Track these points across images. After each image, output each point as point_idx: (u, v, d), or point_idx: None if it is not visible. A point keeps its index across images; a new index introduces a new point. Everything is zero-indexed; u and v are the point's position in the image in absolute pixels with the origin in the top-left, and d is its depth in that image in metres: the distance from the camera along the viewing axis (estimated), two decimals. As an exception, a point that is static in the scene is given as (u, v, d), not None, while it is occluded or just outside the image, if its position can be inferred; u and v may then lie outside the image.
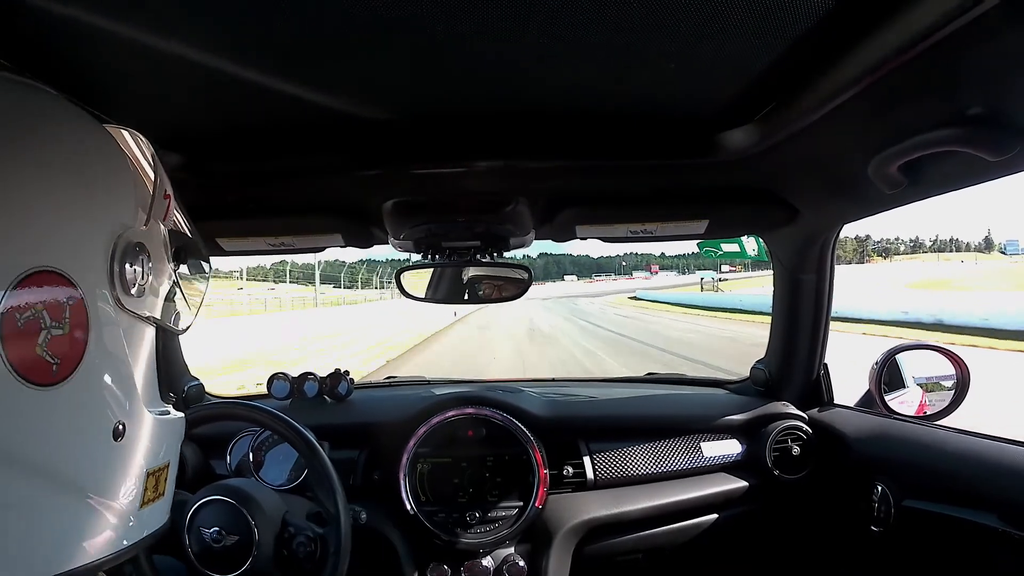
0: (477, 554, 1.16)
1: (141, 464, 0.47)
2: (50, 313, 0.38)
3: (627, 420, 1.37)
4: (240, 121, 0.85)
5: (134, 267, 0.45)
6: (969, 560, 0.89)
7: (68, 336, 0.40)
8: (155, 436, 0.49)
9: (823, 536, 1.23)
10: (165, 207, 0.52)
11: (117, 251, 0.44)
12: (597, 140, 0.91)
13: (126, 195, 0.47)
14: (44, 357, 0.38)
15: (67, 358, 0.40)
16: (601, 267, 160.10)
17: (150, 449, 0.48)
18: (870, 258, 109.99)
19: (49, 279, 0.38)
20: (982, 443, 0.94)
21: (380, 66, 0.68)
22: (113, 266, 0.43)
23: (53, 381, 0.39)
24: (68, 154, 0.43)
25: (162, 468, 0.50)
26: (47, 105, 0.45)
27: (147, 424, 0.48)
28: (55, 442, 0.40)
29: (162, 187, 0.52)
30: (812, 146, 0.90)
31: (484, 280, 1.26)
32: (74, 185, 0.43)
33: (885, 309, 14.94)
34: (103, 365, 0.43)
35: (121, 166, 0.48)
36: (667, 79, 0.73)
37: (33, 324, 0.37)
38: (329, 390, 1.40)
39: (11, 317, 0.36)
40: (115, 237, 0.44)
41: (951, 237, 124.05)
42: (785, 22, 0.58)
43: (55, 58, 0.64)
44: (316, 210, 1.14)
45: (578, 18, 0.58)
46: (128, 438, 0.45)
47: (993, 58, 0.60)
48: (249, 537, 0.78)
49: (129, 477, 0.45)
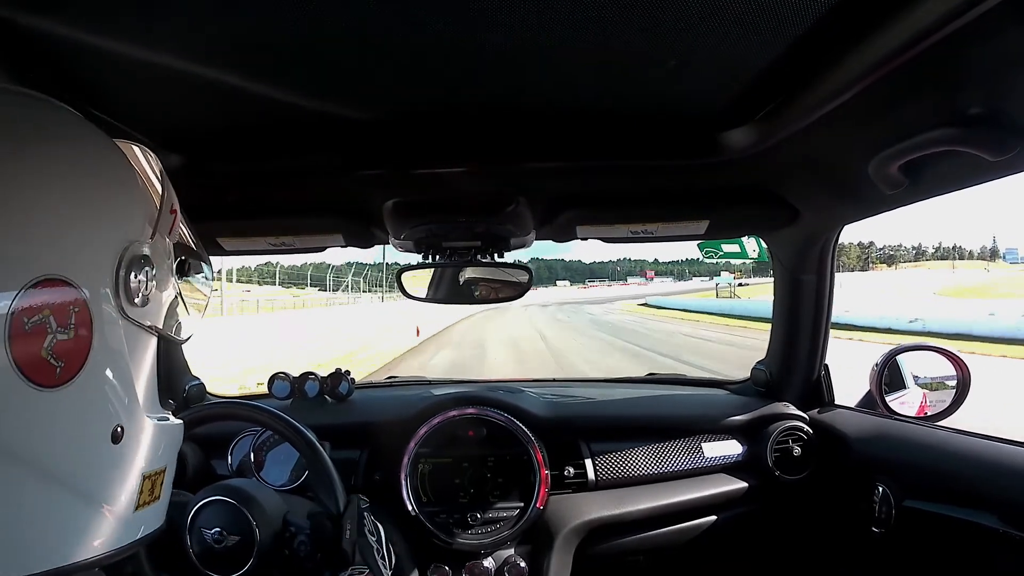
0: (478, 555, 1.16)
1: (138, 468, 0.48)
2: (56, 318, 0.40)
3: (628, 420, 1.37)
4: (240, 121, 0.85)
5: (138, 278, 0.47)
6: (969, 560, 0.89)
7: (72, 341, 0.42)
8: (153, 441, 0.50)
9: (824, 537, 1.23)
10: (171, 222, 0.54)
11: (123, 262, 0.46)
12: (598, 140, 0.92)
13: (134, 209, 0.49)
14: (49, 360, 0.40)
15: (71, 362, 0.42)
16: (594, 272, 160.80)
17: (147, 453, 0.49)
18: (875, 265, 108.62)
19: (57, 286, 0.41)
20: (983, 444, 0.94)
21: (381, 67, 0.69)
22: (119, 276, 0.45)
23: (56, 383, 0.41)
24: (80, 168, 0.46)
25: (158, 472, 0.51)
26: (62, 120, 0.47)
27: (146, 429, 0.49)
28: (55, 441, 0.41)
29: (169, 202, 0.54)
30: (812, 146, 0.90)
31: (484, 280, 1.26)
32: (85, 198, 0.45)
33: (957, 319, 13.25)
34: (105, 370, 0.45)
35: (130, 181, 0.50)
36: (667, 79, 0.73)
37: (40, 328, 0.39)
38: (330, 390, 1.40)
39: (19, 320, 0.38)
40: (122, 249, 0.46)
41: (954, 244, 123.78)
42: (785, 22, 0.59)
43: (57, 63, 0.65)
44: (316, 210, 1.14)
45: (578, 18, 0.58)
46: (126, 441, 0.46)
47: (993, 58, 0.60)
48: (250, 537, 0.78)
49: (125, 480, 0.47)
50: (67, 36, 0.59)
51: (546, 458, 1.20)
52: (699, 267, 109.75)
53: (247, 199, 1.10)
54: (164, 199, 0.53)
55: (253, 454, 1.20)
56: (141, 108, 0.79)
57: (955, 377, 1.19)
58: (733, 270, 51.36)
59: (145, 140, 0.86)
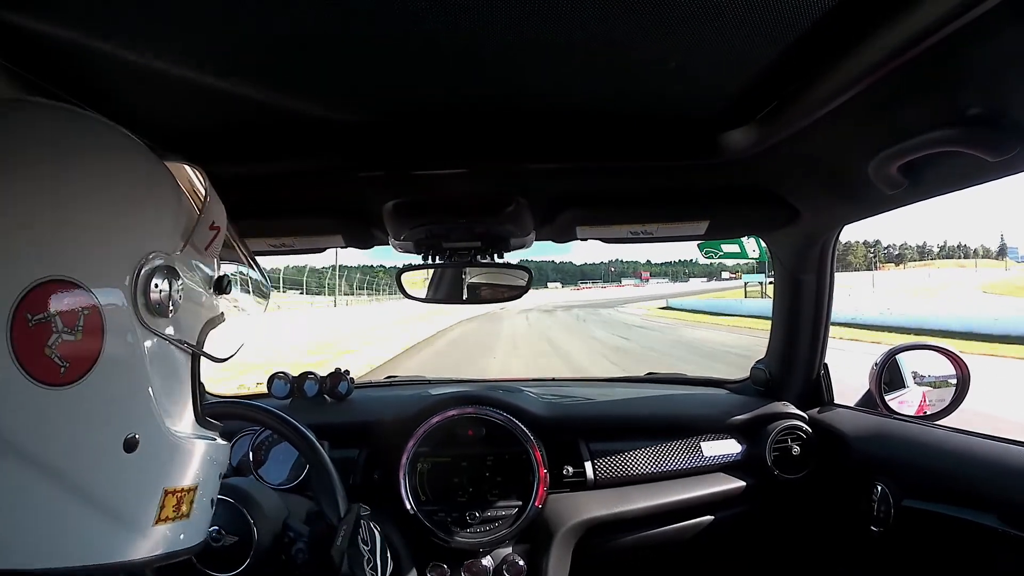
0: (477, 553, 1.16)
1: (158, 481, 0.48)
2: (63, 319, 0.41)
3: (627, 420, 1.37)
4: (240, 122, 0.85)
5: (160, 288, 0.47)
6: (969, 560, 0.89)
7: (80, 342, 0.42)
8: (179, 455, 0.50)
9: (823, 536, 1.23)
10: (209, 237, 0.54)
11: (142, 271, 0.46)
12: (597, 141, 0.92)
13: (163, 221, 0.50)
14: (52, 358, 0.41)
15: (77, 363, 0.42)
16: (585, 274, 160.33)
17: (170, 467, 0.49)
18: (882, 265, 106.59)
19: (67, 288, 0.41)
20: (982, 443, 0.94)
21: (380, 68, 0.69)
22: (136, 285, 0.46)
23: (61, 382, 0.41)
24: (105, 178, 0.47)
25: (187, 489, 0.50)
26: (90, 131, 0.49)
27: (168, 442, 0.49)
28: (58, 440, 0.42)
29: (209, 218, 0.54)
30: (812, 146, 0.90)
31: (484, 281, 1.26)
32: (106, 206, 0.46)
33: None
34: (117, 375, 0.45)
35: (163, 194, 0.51)
36: (667, 79, 0.73)
37: (44, 326, 0.40)
38: (329, 389, 1.40)
39: (22, 318, 0.39)
40: (143, 257, 0.46)
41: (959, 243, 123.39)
42: (785, 22, 0.59)
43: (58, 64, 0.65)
44: (316, 211, 1.14)
45: (578, 18, 0.58)
46: (142, 452, 0.46)
47: (993, 58, 0.60)
48: (248, 537, 0.78)
49: (141, 491, 0.47)
50: (68, 38, 0.59)
51: (545, 457, 1.20)
52: (694, 268, 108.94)
53: (247, 200, 1.10)
54: (203, 215, 0.53)
55: (252, 453, 1.20)
56: (141, 109, 0.79)
57: (955, 376, 1.19)
58: (736, 271, 48.64)
59: (145, 141, 0.86)
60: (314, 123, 0.84)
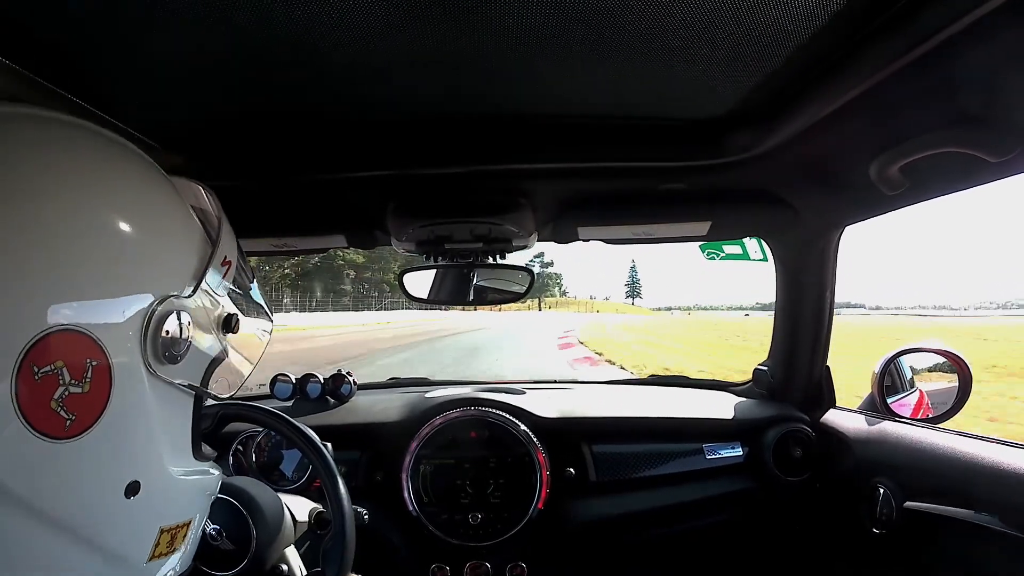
0: (479, 555, 1.17)
1: (155, 521, 0.47)
2: (71, 371, 0.39)
3: (629, 422, 1.37)
4: (243, 123, 0.86)
5: (170, 335, 0.45)
6: (970, 561, 0.89)
7: (87, 395, 0.40)
8: (177, 495, 0.49)
9: (825, 537, 1.23)
10: (221, 275, 0.52)
11: (153, 319, 0.44)
12: (599, 142, 0.92)
13: (174, 264, 0.48)
14: (58, 412, 0.38)
15: (83, 415, 0.40)
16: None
17: (168, 507, 0.48)
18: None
19: (75, 339, 0.39)
20: (983, 445, 0.94)
21: (384, 69, 0.69)
22: (146, 334, 0.44)
23: (66, 435, 0.39)
24: (121, 215, 0.44)
25: (180, 526, 0.49)
26: (111, 158, 0.46)
27: (168, 483, 0.48)
28: (60, 491, 0.40)
29: (220, 254, 0.52)
30: (814, 148, 0.90)
31: (485, 282, 1.26)
32: (119, 249, 0.43)
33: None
34: (124, 426, 0.43)
35: (176, 231, 0.48)
36: (669, 82, 0.74)
37: (51, 379, 0.38)
38: (332, 391, 1.40)
39: (28, 370, 0.37)
40: (154, 304, 0.44)
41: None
42: (787, 25, 0.59)
43: (59, 63, 0.65)
44: (319, 211, 1.15)
45: (579, 21, 0.58)
46: (143, 495, 0.45)
47: (993, 60, 0.60)
48: (247, 537, 0.78)
49: (138, 533, 0.46)
50: (69, 37, 0.60)
51: (547, 459, 1.20)
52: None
53: (249, 200, 1.11)
54: (216, 250, 0.51)
55: (255, 455, 1.20)
56: (143, 109, 0.79)
57: (956, 379, 1.18)
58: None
59: (147, 140, 0.87)
60: (317, 123, 0.85)
